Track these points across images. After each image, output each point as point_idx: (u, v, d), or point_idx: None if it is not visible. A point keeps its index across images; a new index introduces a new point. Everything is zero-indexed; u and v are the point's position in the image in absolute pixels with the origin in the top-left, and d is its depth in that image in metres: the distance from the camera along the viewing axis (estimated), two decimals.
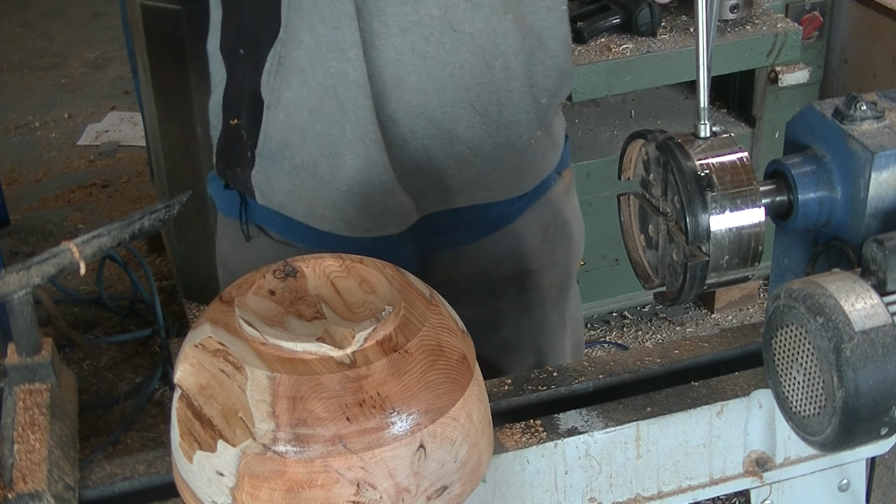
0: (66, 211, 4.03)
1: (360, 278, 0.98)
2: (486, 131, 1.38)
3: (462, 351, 0.95)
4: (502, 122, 1.39)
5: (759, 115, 3.12)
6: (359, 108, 1.31)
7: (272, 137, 1.36)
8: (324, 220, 1.41)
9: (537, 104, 1.42)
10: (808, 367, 0.94)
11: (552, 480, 1.11)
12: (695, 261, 1.02)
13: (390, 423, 0.87)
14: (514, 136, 1.41)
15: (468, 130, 1.37)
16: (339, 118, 1.32)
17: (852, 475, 1.21)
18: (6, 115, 4.73)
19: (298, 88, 1.32)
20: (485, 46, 1.34)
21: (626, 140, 1.14)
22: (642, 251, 1.16)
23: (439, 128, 1.35)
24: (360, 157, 1.33)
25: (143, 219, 1.21)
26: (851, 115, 1.04)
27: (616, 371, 1.22)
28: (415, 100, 1.33)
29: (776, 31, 2.87)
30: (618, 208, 1.19)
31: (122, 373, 3.21)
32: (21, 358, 1.16)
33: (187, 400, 0.91)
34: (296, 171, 1.37)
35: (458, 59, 1.33)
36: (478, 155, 1.40)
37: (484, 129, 1.38)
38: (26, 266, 1.13)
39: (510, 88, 1.38)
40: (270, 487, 0.87)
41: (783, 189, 1.08)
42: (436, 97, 1.34)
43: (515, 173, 1.46)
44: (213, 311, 0.96)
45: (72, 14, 5.68)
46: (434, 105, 1.34)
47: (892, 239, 0.96)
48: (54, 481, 1.04)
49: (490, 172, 1.42)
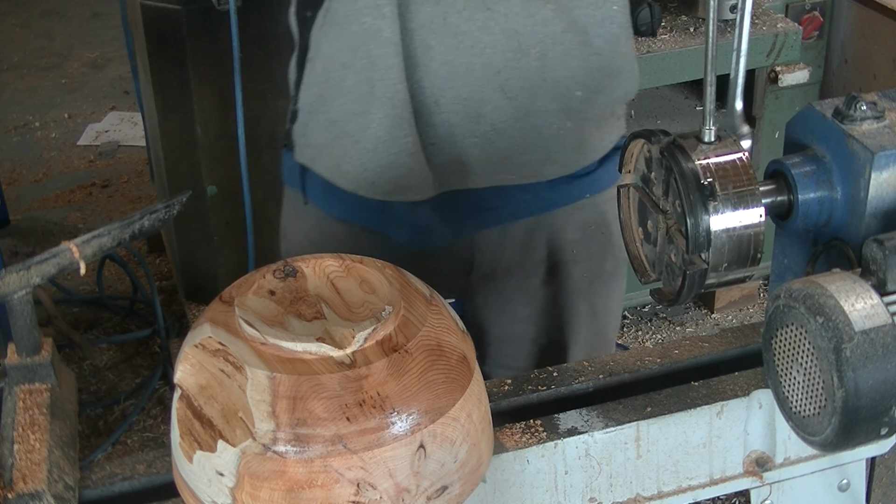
0: (66, 211, 4.03)
1: (360, 278, 0.98)
2: (514, 115, 1.38)
3: (462, 351, 0.95)
4: (532, 109, 1.39)
5: (759, 115, 3.12)
6: (389, 67, 1.33)
7: (310, 90, 1.41)
8: (348, 179, 1.43)
9: (570, 96, 1.41)
10: (808, 367, 0.94)
11: (552, 480, 1.11)
12: (694, 269, 1.03)
13: (390, 423, 0.87)
14: (542, 123, 1.41)
15: (495, 112, 1.37)
16: (370, 75, 1.34)
17: (852, 475, 1.21)
18: (6, 115, 4.73)
19: (335, 41, 1.35)
20: (520, 31, 1.33)
21: (628, 138, 1.14)
22: (640, 244, 1.16)
23: (465, 105, 1.36)
24: (388, 116, 1.35)
25: (143, 219, 1.21)
26: (851, 115, 1.04)
27: (616, 371, 1.22)
28: (442, 70, 1.34)
29: (776, 31, 2.87)
30: (617, 200, 1.19)
31: (122, 373, 3.20)
32: (21, 358, 1.16)
33: (187, 400, 0.91)
34: (329, 125, 1.41)
35: (489, 39, 1.33)
36: (502, 137, 1.40)
37: (512, 113, 1.38)
38: (26, 266, 1.13)
39: (545, 78, 1.37)
40: (270, 487, 0.87)
41: (783, 189, 1.08)
42: (463, 73, 1.34)
43: (540, 160, 1.45)
44: (213, 311, 0.96)
45: (72, 14, 5.68)
46: (461, 81, 1.35)
47: (892, 239, 0.96)
48: (54, 481, 1.04)
49: (514, 156, 1.42)
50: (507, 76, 1.35)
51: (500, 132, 1.39)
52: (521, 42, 1.33)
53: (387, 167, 1.39)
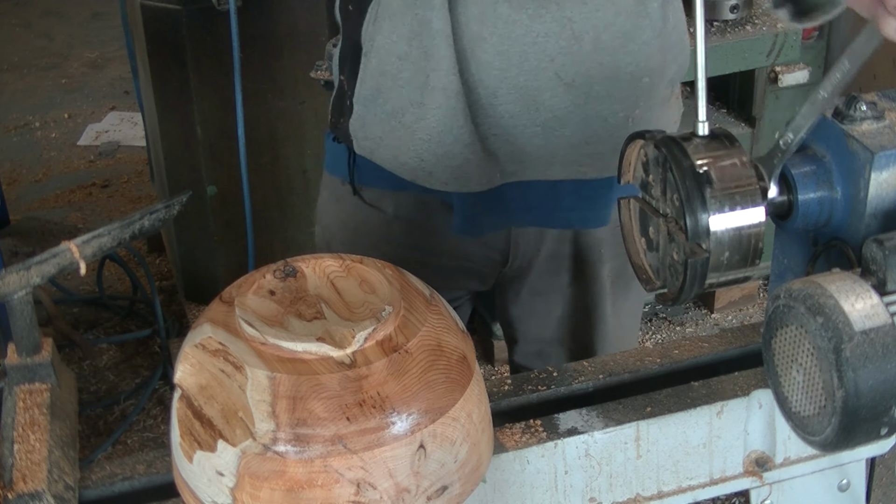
0: (66, 211, 4.03)
1: (360, 278, 0.98)
2: (574, 102, 1.39)
3: (462, 351, 0.95)
4: (592, 95, 1.39)
5: (759, 115, 3.12)
6: (442, 58, 1.35)
7: (366, 84, 1.43)
8: (406, 169, 1.46)
9: (636, 82, 1.41)
10: (808, 367, 0.94)
11: (552, 480, 1.11)
12: (695, 258, 1.02)
13: (390, 423, 0.87)
14: (607, 111, 1.41)
15: (553, 99, 1.38)
16: (424, 66, 1.37)
17: (852, 475, 1.21)
18: (6, 115, 4.73)
19: (389, 34, 1.38)
20: (573, 18, 1.35)
21: (625, 141, 1.14)
22: (643, 254, 1.16)
23: (523, 94, 1.38)
24: (442, 106, 1.37)
25: (143, 219, 1.22)
26: (851, 115, 1.04)
27: (616, 371, 1.22)
28: (496, 62, 1.36)
29: (776, 31, 2.87)
30: (618, 212, 1.19)
31: (122, 373, 3.20)
32: (21, 358, 1.16)
33: (187, 400, 0.91)
34: (387, 118, 1.43)
35: (542, 27, 1.34)
36: (566, 125, 1.41)
37: (571, 100, 1.39)
38: (26, 266, 1.13)
39: (601, 62, 1.38)
40: (270, 487, 0.87)
41: (783, 189, 1.08)
42: (518, 62, 1.36)
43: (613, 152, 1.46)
44: (213, 311, 0.96)
45: (72, 14, 5.68)
46: (516, 70, 1.36)
47: (892, 239, 0.96)
48: (54, 481, 1.04)
49: (582, 146, 1.43)
50: (561, 62, 1.37)
51: (561, 120, 1.40)
52: (573, 29, 1.35)
53: (442, 157, 1.41)
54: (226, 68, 2.65)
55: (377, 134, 1.46)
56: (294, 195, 2.98)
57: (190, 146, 2.89)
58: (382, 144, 1.46)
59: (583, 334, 1.65)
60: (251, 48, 2.70)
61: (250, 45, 2.69)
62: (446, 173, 1.43)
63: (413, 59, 1.37)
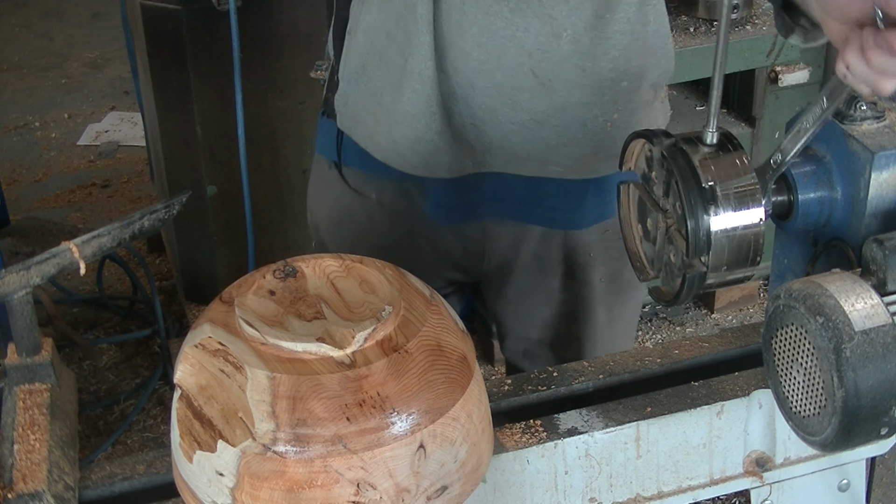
0: (66, 211, 4.03)
1: (359, 278, 0.98)
2: (552, 105, 1.39)
3: (462, 351, 0.95)
4: (571, 100, 1.39)
5: (759, 115, 3.12)
6: (421, 43, 1.36)
7: (351, 61, 1.45)
8: (380, 150, 1.47)
9: (615, 86, 1.41)
10: (808, 367, 0.94)
11: (552, 480, 1.11)
12: (693, 272, 1.03)
13: (390, 423, 0.87)
14: (587, 116, 1.41)
15: (531, 101, 1.39)
16: (405, 49, 1.38)
17: (852, 475, 1.21)
18: (6, 115, 4.73)
19: (378, 13, 1.39)
20: (553, 15, 1.35)
21: (628, 138, 1.14)
22: (639, 242, 1.16)
23: (500, 91, 1.38)
24: (417, 91, 1.38)
25: (143, 219, 1.22)
26: (851, 115, 1.04)
27: (616, 371, 1.22)
28: (474, 52, 1.36)
29: (776, 31, 2.87)
30: (617, 197, 1.19)
31: (122, 373, 3.20)
32: (21, 358, 1.16)
33: (187, 400, 0.91)
34: (368, 96, 1.45)
35: (522, 21, 1.35)
36: (543, 127, 1.41)
37: (549, 103, 1.39)
38: (26, 266, 1.13)
39: (582, 66, 1.37)
40: (270, 487, 0.87)
41: (783, 189, 1.08)
42: (496, 55, 1.36)
43: (592, 154, 1.46)
44: (213, 311, 0.96)
45: (72, 14, 5.68)
46: (494, 64, 1.37)
47: (892, 239, 0.96)
48: (54, 481, 1.04)
49: (560, 148, 1.43)
50: (538, 59, 1.37)
51: (539, 122, 1.40)
52: (553, 26, 1.35)
53: (414, 142, 1.42)
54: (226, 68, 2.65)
55: (357, 111, 1.48)
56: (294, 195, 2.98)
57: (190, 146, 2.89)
58: (360, 122, 1.48)
59: (572, 338, 1.64)
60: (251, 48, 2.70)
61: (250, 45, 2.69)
62: (416, 158, 1.44)
63: (398, 41, 1.38)
